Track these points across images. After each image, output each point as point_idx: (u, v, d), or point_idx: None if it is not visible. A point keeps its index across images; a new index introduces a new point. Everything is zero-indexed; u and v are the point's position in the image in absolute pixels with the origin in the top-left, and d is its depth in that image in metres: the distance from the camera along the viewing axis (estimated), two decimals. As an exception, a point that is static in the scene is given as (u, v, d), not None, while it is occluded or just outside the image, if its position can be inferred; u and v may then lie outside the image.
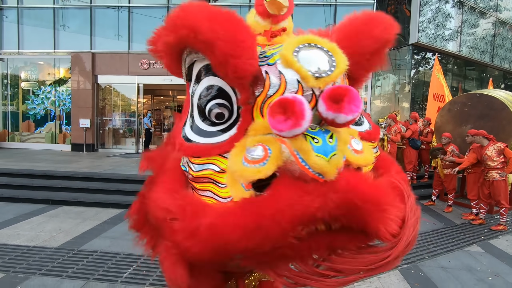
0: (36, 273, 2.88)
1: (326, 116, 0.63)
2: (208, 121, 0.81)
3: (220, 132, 0.79)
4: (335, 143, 0.65)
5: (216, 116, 0.79)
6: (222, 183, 0.77)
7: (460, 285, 2.97)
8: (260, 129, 0.72)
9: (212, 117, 0.80)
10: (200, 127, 0.82)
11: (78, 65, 9.67)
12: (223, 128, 0.79)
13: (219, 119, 0.79)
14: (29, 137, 10.52)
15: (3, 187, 5.47)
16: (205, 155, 0.79)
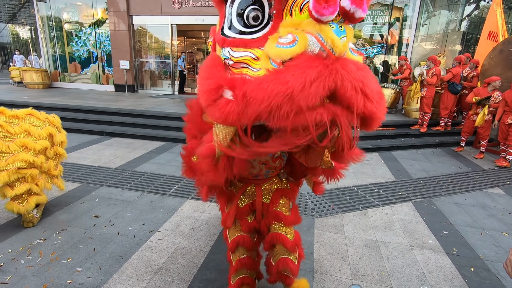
0: (104, 185, 3.60)
1: (349, 8, 0.82)
2: (245, 24, 1.02)
3: (255, 32, 1.01)
4: (344, 30, 0.89)
5: (253, 18, 1.00)
6: (255, 68, 1.00)
7: (469, 218, 3.20)
8: (289, 25, 0.94)
9: (250, 20, 1.01)
10: (239, 28, 1.05)
11: (113, 5, 9.81)
12: (258, 29, 1.01)
13: (255, 21, 1.01)
14: (76, 78, 11.43)
15: (65, 120, 6.27)
16: (243, 46, 1.02)
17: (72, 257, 2.28)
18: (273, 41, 0.94)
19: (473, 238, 2.81)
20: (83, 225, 2.73)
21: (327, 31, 0.85)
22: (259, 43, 0.99)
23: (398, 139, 5.99)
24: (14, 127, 2.48)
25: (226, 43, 1.07)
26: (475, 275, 2.30)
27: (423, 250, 2.60)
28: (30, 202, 2.57)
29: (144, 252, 2.39)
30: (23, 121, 2.59)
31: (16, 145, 2.44)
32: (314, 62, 0.85)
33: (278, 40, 0.92)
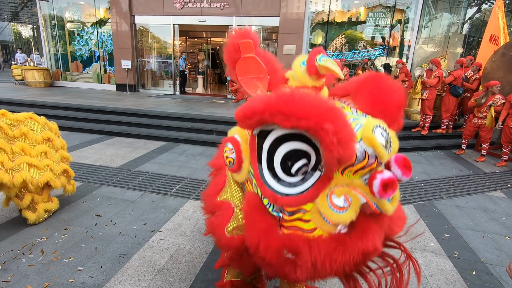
0: (105, 184, 3.60)
1: (400, 178, 0.94)
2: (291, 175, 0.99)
3: (301, 182, 0.99)
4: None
5: (302, 172, 0.98)
6: (306, 220, 1.00)
7: (471, 221, 3.20)
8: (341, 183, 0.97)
9: (299, 174, 0.98)
10: (287, 180, 1.00)
11: (115, 5, 9.84)
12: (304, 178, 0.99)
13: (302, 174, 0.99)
14: (78, 77, 11.45)
15: (67, 119, 6.33)
16: (298, 204, 0.99)
17: (73, 256, 2.28)
18: (324, 198, 0.96)
19: (475, 241, 2.81)
20: (84, 224, 2.74)
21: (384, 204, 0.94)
22: (311, 198, 0.98)
23: (400, 142, 5.95)
24: (14, 130, 2.51)
25: (279, 202, 1.01)
26: (476, 279, 2.30)
27: (425, 253, 2.60)
28: (39, 211, 2.68)
29: (145, 252, 2.39)
30: (23, 124, 2.61)
31: (17, 148, 2.47)
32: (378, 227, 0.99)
33: (332, 201, 0.95)
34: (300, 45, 8.87)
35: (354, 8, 9.13)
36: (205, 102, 8.78)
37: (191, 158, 4.78)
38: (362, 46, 9.37)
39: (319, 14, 9.15)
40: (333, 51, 9.31)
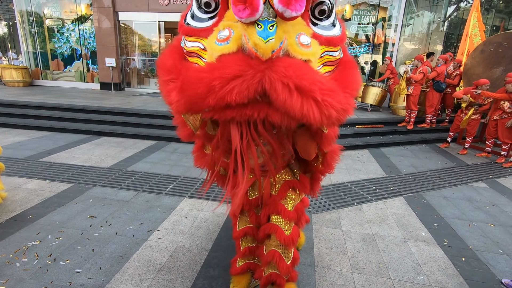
0: (97, 185, 3.52)
1: (277, 8, 0.81)
2: (202, 10, 1.06)
3: (208, 19, 1.05)
4: (274, 31, 0.84)
5: (205, 4, 1.03)
6: (204, 58, 1.02)
7: (458, 210, 3.35)
8: (230, 18, 0.93)
9: (202, 5, 1.04)
10: (196, 14, 1.08)
11: (97, 1, 9.53)
12: (211, 16, 1.04)
13: (207, 7, 1.04)
14: (59, 76, 11.04)
15: (50, 119, 6.11)
16: (195, 35, 1.05)
17: (70, 259, 2.23)
18: (214, 35, 0.94)
19: (462, 230, 2.95)
20: (79, 225, 2.67)
21: (251, 32, 0.83)
22: (207, 33, 0.99)
23: (387, 136, 6.16)
24: None
25: (182, 30, 1.12)
26: (466, 265, 2.42)
27: (417, 242, 2.70)
28: None
29: (144, 251, 2.37)
30: None
31: None
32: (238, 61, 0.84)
33: (217, 36, 0.91)
34: (287, 42, 8.91)
35: (340, 6, 9.26)
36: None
37: (183, 156, 4.73)
38: (347, 43, 9.54)
39: (306, 12, 9.23)
40: (320, 48, 9.42)
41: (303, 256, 2.40)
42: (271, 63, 0.83)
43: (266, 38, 0.82)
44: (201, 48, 1.02)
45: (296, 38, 0.89)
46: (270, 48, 0.82)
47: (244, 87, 0.83)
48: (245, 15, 0.79)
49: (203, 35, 1.01)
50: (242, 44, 0.85)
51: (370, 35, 9.39)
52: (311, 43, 0.93)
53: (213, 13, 1.03)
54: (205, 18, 1.04)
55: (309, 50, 0.91)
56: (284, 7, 0.78)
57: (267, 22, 0.84)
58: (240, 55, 0.86)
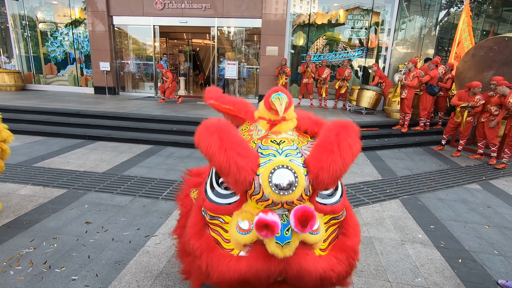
0: (92, 190, 3.47)
1: (293, 228, 1.01)
2: (222, 187, 1.21)
3: (229, 196, 1.19)
4: (290, 234, 1.03)
5: (225, 187, 1.20)
6: (225, 229, 1.18)
7: (453, 212, 3.39)
8: (249, 209, 1.12)
9: (223, 186, 1.21)
10: (217, 190, 1.23)
11: (91, 5, 9.50)
12: (231, 193, 1.18)
13: (227, 190, 1.20)
14: (52, 80, 10.93)
15: (43, 124, 6.03)
16: (216, 212, 1.19)
17: (65, 266, 2.19)
18: (236, 218, 1.13)
19: (458, 231, 2.98)
20: (74, 232, 2.63)
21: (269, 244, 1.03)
22: (228, 212, 1.17)
23: (382, 139, 6.22)
24: None
25: (204, 205, 1.24)
26: (463, 266, 2.44)
27: (414, 244, 2.72)
28: None
29: (142, 257, 2.34)
30: None
31: None
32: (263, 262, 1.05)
33: (238, 224, 1.10)
34: (282, 46, 8.98)
35: (333, 11, 9.37)
36: (189, 104, 8.67)
37: (179, 161, 4.71)
38: (342, 47, 9.64)
39: (300, 16, 9.31)
40: (314, 52, 9.50)
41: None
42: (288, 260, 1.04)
43: (283, 242, 1.01)
44: (221, 222, 1.19)
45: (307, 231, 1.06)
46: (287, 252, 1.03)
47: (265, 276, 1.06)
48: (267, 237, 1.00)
49: (224, 213, 1.18)
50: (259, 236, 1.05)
51: (364, 39, 9.50)
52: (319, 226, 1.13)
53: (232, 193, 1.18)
54: (226, 195, 1.19)
55: (317, 234, 1.11)
56: (299, 231, 1.01)
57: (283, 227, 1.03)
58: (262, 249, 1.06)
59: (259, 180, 1.05)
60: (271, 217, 0.97)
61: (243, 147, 1.07)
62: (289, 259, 1.03)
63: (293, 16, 9.20)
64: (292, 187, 1.03)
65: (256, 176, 1.06)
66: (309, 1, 9.21)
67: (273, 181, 1.02)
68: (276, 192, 1.02)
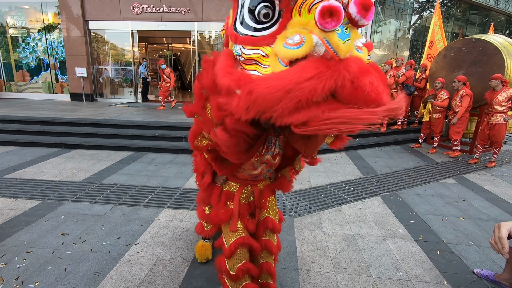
0: (69, 200, 3.33)
1: (354, 17, 0.90)
2: (256, 20, 1.06)
3: (265, 29, 1.05)
4: (349, 33, 0.94)
5: (263, 15, 1.04)
6: (264, 65, 1.04)
7: (431, 207, 3.51)
8: (297, 25, 0.98)
9: (261, 16, 1.04)
10: (250, 24, 1.08)
11: (66, 9, 9.22)
12: (268, 26, 1.05)
13: (265, 18, 1.04)
14: (25, 87, 10.48)
15: (16, 133, 5.75)
16: (255, 44, 1.06)
17: (40, 280, 2.08)
18: (281, 40, 0.98)
19: (436, 225, 3.08)
20: (49, 244, 2.51)
21: (332, 36, 0.91)
22: (269, 41, 1.03)
23: (362, 139, 6.37)
24: None
25: (238, 40, 1.10)
26: (441, 258, 2.53)
27: (395, 239, 2.79)
28: None
29: (122, 267, 2.26)
30: None
31: None
32: (316, 63, 0.91)
33: (286, 41, 0.96)
34: (263, 50, 9.04)
35: (312, 15, 9.57)
36: (170, 109, 8.54)
37: (161, 166, 4.61)
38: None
39: (280, 20, 9.43)
40: (295, 55, 9.63)
41: (287, 260, 2.40)
42: (346, 63, 0.92)
43: (344, 39, 0.92)
44: (261, 55, 1.04)
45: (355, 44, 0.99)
46: (349, 49, 0.93)
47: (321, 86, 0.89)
48: (331, 26, 0.88)
49: (264, 43, 1.04)
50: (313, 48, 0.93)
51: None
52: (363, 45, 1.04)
53: (270, 23, 1.04)
54: (261, 28, 1.05)
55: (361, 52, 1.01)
56: (362, 17, 0.90)
57: (342, 26, 0.94)
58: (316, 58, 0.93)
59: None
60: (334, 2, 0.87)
61: None
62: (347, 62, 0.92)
63: (273, 20, 9.31)
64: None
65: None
66: (288, 5, 9.36)
67: None
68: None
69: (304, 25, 0.96)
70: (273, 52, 1.01)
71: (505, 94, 4.85)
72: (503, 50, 5.46)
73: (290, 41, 0.95)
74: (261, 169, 1.62)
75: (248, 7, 1.07)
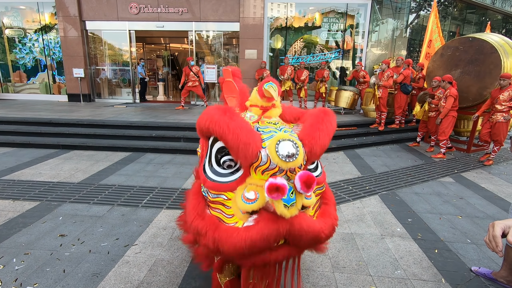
0: (67, 201, 3.32)
1: (298, 190, 1.13)
2: (222, 167, 1.30)
3: (229, 174, 1.28)
4: (294, 197, 1.14)
5: (227, 166, 1.29)
6: (228, 206, 1.26)
7: (428, 205, 3.52)
8: (253, 181, 1.21)
9: (225, 166, 1.29)
10: (217, 170, 1.31)
11: (63, 10, 9.18)
12: (231, 172, 1.28)
13: (229, 168, 1.29)
14: (22, 88, 10.42)
15: (13, 134, 5.72)
16: (219, 190, 1.27)
17: (39, 282, 2.07)
18: (240, 191, 1.22)
19: (434, 223, 3.10)
20: (47, 246, 2.50)
21: (278, 204, 1.11)
22: (231, 188, 1.26)
23: (360, 138, 6.39)
24: None
25: (206, 185, 1.32)
26: (439, 256, 2.54)
27: (393, 238, 2.80)
28: None
29: (121, 268, 2.26)
30: None
31: None
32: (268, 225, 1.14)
33: (244, 195, 1.19)
34: (261, 49, 9.05)
35: (310, 14, 9.57)
36: (168, 109, 8.53)
37: (159, 167, 4.61)
38: (319, 49, 9.85)
39: (278, 20, 9.44)
40: (292, 54, 9.64)
41: (285, 260, 2.40)
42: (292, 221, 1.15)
43: (289, 203, 1.12)
44: (224, 199, 1.26)
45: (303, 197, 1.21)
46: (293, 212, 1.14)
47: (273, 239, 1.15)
48: (277, 198, 1.09)
49: (227, 190, 1.26)
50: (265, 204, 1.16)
51: (340, 42, 9.76)
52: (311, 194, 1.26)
53: (233, 169, 1.28)
54: (226, 174, 1.28)
55: (311, 199, 1.26)
56: (304, 192, 1.13)
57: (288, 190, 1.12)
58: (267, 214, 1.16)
59: (266, 152, 1.20)
60: (280, 180, 1.08)
61: (249, 126, 1.25)
62: (293, 220, 1.15)
63: (271, 19, 9.31)
64: (295, 155, 1.17)
65: (262, 149, 1.21)
66: (286, 5, 9.36)
67: (279, 150, 1.16)
68: (283, 159, 1.16)
69: (259, 183, 1.19)
70: (234, 197, 1.24)
71: (507, 94, 4.87)
72: (500, 49, 5.49)
73: (248, 195, 1.18)
74: None
75: (215, 155, 1.32)
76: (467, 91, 5.84)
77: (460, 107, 6.06)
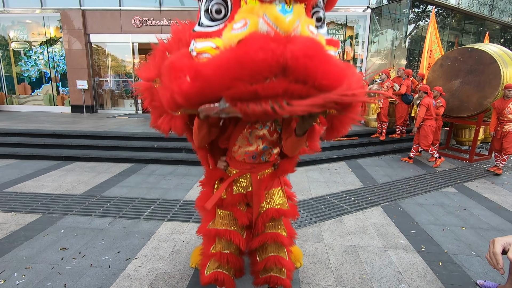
0: (69, 214, 3.32)
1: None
2: (210, 18, 1.08)
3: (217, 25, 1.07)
4: (291, 10, 0.95)
5: (216, 11, 1.06)
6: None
7: (432, 216, 3.50)
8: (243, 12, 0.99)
9: (213, 13, 1.07)
10: (205, 23, 1.10)
11: (67, 23, 9.39)
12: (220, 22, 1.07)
13: (218, 14, 1.07)
14: (26, 100, 10.57)
15: (16, 146, 5.77)
16: (207, 36, 1.07)
17: (39, 297, 2.06)
18: (229, 28, 1.00)
19: (437, 235, 3.07)
20: (49, 260, 2.49)
21: (271, 9, 0.91)
22: (219, 33, 1.04)
23: (362, 148, 6.39)
24: None
25: (192, 36, 1.13)
26: (443, 269, 2.51)
27: (397, 250, 2.77)
28: None
29: (122, 282, 2.24)
30: None
31: None
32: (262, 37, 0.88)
33: (233, 27, 0.98)
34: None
35: (310, 26, 9.74)
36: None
37: (161, 178, 4.62)
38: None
39: (278, 31, 9.60)
40: (293, 65, 9.75)
41: (288, 273, 2.37)
42: (292, 38, 0.89)
43: (285, 14, 0.91)
44: (212, 47, 1.03)
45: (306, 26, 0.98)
46: (290, 24, 0.91)
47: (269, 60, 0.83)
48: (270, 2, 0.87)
49: (215, 35, 1.04)
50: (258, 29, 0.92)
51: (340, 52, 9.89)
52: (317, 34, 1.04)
53: (222, 20, 1.07)
54: (214, 25, 1.08)
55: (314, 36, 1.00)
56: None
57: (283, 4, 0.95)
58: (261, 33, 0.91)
59: None
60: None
61: None
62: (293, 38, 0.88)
63: (271, 31, 9.46)
64: None
65: None
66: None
67: None
68: None
69: (250, 11, 0.96)
70: (223, 44, 1.01)
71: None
72: (499, 59, 5.54)
73: (236, 25, 0.97)
74: (257, 145, 1.56)
75: (204, 7, 1.11)
76: (467, 100, 5.87)
77: (461, 116, 6.09)
